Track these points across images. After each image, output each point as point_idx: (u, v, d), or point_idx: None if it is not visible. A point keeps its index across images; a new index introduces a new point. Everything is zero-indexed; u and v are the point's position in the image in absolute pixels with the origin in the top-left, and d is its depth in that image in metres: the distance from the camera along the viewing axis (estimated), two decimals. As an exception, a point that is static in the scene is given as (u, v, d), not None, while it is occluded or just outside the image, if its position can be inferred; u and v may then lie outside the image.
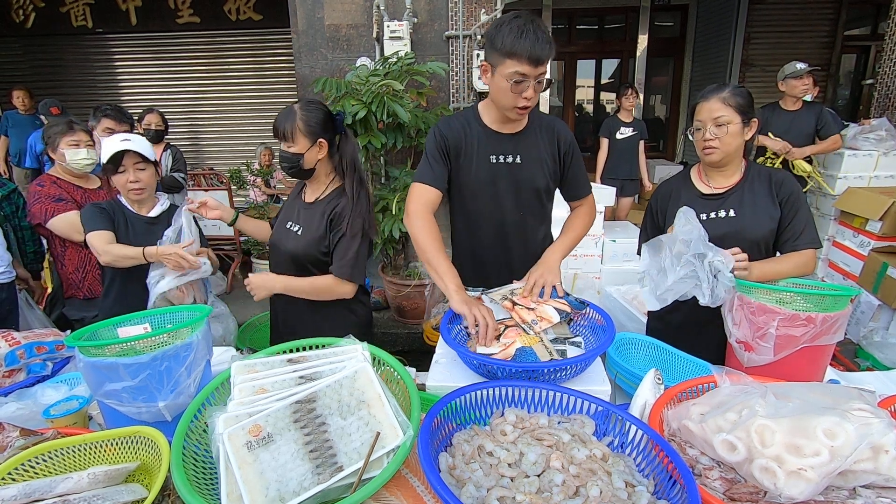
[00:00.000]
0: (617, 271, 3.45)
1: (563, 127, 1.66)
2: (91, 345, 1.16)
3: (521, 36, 1.34)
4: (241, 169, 5.07)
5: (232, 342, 3.31)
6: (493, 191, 1.63)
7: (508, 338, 1.28)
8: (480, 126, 1.60)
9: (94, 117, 2.71)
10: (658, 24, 7.47)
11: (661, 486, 0.83)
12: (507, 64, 1.38)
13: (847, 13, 6.82)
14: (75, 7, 6.08)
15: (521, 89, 1.41)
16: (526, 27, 1.35)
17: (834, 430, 0.79)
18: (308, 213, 1.72)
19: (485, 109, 1.62)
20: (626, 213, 4.77)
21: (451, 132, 1.59)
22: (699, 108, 1.55)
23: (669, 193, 1.71)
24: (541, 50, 1.36)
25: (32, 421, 1.22)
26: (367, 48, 4.05)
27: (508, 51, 1.36)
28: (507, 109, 1.49)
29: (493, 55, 1.42)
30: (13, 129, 5.15)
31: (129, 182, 1.79)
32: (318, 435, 0.85)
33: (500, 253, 1.72)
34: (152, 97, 6.36)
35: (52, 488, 0.83)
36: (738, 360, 1.38)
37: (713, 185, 1.63)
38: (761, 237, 1.55)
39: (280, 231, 1.77)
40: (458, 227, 1.75)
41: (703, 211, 1.60)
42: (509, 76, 1.39)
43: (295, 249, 1.68)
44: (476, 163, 1.60)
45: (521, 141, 1.60)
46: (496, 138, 1.60)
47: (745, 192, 1.58)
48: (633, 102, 4.59)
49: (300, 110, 1.61)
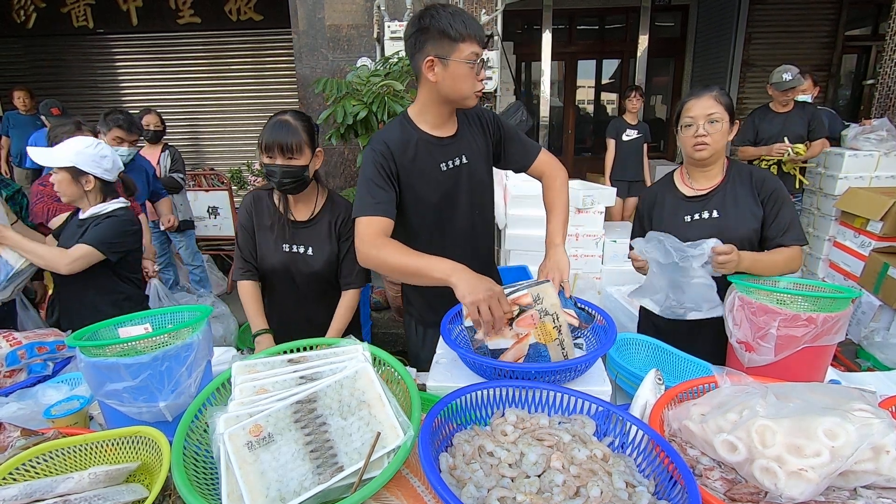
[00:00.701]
0: (617, 271, 3.44)
1: (482, 109, 1.63)
2: (92, 345, 1.16)
3: (464, 19, 1.33)
4: (241, 169, 5.07)
5: (232, 342, 3.33)
6: (451, 198, 1.55)
7: (522, 326, 1.18)
8: (420, 134, 1.48)
9: (105, 124, 2.71)
10: (658, 25, 7.46)
11: (661, 487, 0.83)
12: (462, 48, 1.33)
13: (848, 13, 6.81)
14: (76, 7, 6.09)
15: (479, 70, 1.38)
16: (460, 11, 1.34)
17: (835, 430, 0.79)
18: (309, 233, 1.70)
19: (419, 116, 1.49)
20: (631, 213, 4.78)
21: (392, 150, 1.45)
22: (690, 105, 1.57)
23: (654, 199, 1.73)
24: (482, 30, 1.36)
25: (33, 421, 1.22)
26: (367, 48, 4.05)
27: (461, 34, 1.32)
28: (467, 98, 1.41)
29: (441, 45, 1.34)
30: (14, 129, 5.16)
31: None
32: (318, 435, 0.85)
33: (469, 261, 1.44)
34: (153, 97, 6.36)
35: (53, 488, 0.83)
36: (739, 360, 1.38)
37: (696, 187, 1.65)
38: (746, 236, 1.56)
39: (277, 255, 1.70)
40: (419, 247, 1.45)
41: (688, 213, 1.63)
42: (468, 58, 1.34)
43: (317, 271, 1.70)
44: (429, 174, 1.50)
45: (461, 140, 1.54)
46: (440, 144, 1.50)
47: (727, 193, 1.60)
48: (637, 105, 4.59)
49: (298, 121, 1.57)
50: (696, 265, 1.41)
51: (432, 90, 1.42)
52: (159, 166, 3.75)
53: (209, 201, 4.69)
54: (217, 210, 4.71)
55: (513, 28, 7.41)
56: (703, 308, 1.45)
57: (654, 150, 7.61)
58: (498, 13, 3.85)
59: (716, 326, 1.47)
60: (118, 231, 1.85)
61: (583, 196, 3.31)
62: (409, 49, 1.42)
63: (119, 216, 1.87)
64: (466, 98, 1.41)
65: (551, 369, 1.11)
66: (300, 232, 1.70)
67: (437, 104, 1.45)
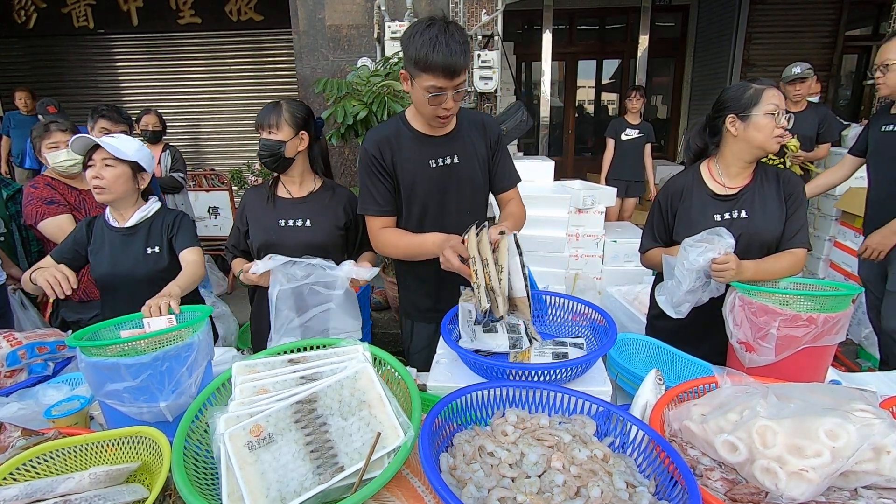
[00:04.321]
0: (618, 272, 3.44)
1: (489, 119, 1.68)
2: (92, 345, 1.16)
3: (434, 49, 1.29)
4: (241, 169, 5.07)
5: (233, 342, 3.32)
6: (438, 195, 1.59)
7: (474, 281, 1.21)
8: (411, 132, 1.56)
9: (91, 118, 2.71)
10: (659, 25, 7.46)
11: (662, 487, 0.83)
12: (423, 77, 1.34)
13: (848, 13, 6.80)
14: (77, 8, 6.10)
15: (440, 101, 1.38)
16: (438, 38, 1.29)
17: (835, 430, 0.79)
18: (309, 206, 1.77)
19: (413, 115, 1.57)
20: (630, 213, 4.78)
21: (382, 147, 1.53)
22: (772, 93, 1.48)
23: (680, 192, 1.67)
24: (455, 62, 1.31)
25: (34, 421, 1.22)
26: (368, 49, 4.06)
27: (423, 64, 1.31)
28: (428, 119, 1.48)
29: (409, 66, 1.37)
30: (15, 129, 5.17)
31: (93, 178, 1.65)
32: (319, 435, 0.85)
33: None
34: (154, 98, 6.37)
35: (54, 488, 0.83)
36: (740, 360, 1.38)
37: (728, 185, 1.60)
38: (772, 238, 1.54)
39: (273, 231, 1.73)
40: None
41: (718, 211, 1.59)
42: (427, 89, 1.35)
43: (312, 240, 1.73)
44: (416, 170, 1.55)
45: (455, 141, 1.58)
46: (430, 142, 1.55)
47: (756, 193, 1.57)
48: (637, 105, 4.58)
49: (285, 103, 1.71)
50: (693, 278, 1.41)
51: (412, 98, 1.49)
52: (160, 166, 3.75)
53: (210, 201, 4.69)
54: (217, 210, 4.72)
55: (513, 28, 7.41)
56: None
57: (655, 151, 7.61)
58: (498, 13, 3.86)
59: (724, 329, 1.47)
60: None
61: (583, 196, 3.31)
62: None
63: (182, 214, 1.84)
64: (429, 118, 1.48)
65: (553, 368, 1.11)
66: (297, 206, 1.77)
67: (416, 110, 1.53)
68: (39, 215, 2.09)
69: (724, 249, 1.39)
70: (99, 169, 1.64)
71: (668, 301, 1.51)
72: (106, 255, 1.72)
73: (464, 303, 1.38)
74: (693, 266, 1.40)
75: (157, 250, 1.73)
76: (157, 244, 1.73)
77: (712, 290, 1.45)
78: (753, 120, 1.49)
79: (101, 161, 1.65)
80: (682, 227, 1.63)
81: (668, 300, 1.51)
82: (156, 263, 1.72)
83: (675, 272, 1.46)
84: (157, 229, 1.76)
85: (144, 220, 1.76)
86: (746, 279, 1.41)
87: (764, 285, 1.45)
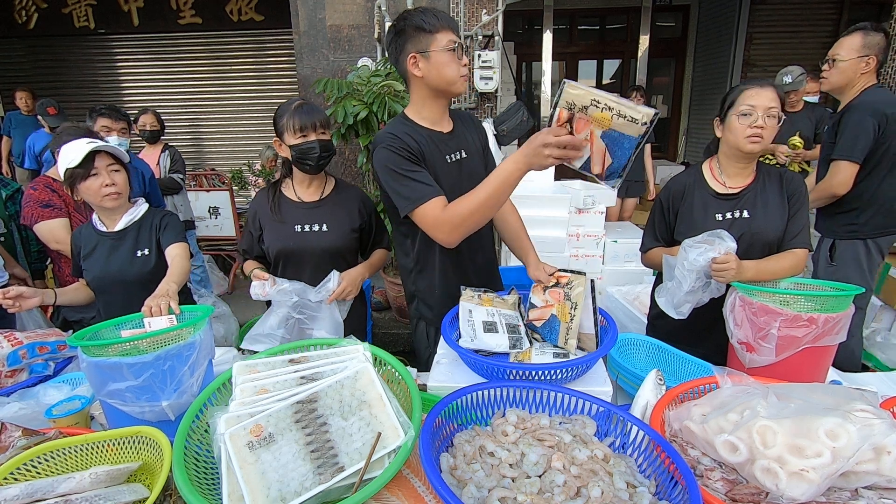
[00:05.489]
0: (618, 272, 3.44)
1: (474, 116, 1.73)
2: (94, 344, 1.16)
3: (435, 12, 1.42)
4: (242, 169, 5.07)
5: (233, 342, 3.33)
6: (455, 192, 1.52)
7: (552, 297, 1.34)
8: (422, 129, 1.53)
9: (90, 118, 2.70)
10: (659, 25, 7.46)
11: (662, 487, 0.83)
12: (439, 38, 1.41)
13: (849, 13, 6.79)
14: (77, 8, 6.11)
15: (460, 55, 1.45)
16: (429, 8, 1.43)
17: (836, 431, 0.79)
18: (325, 211, 1.77)
19: (417, 115, 1.54)
20: (630, 213, 4.77)
21: (406, 140, 1.46)
22: (752, 93, 1.48)
23: (682, 191, 1.67)
24: (454, 20, 1.46)
25: (35, 421, 1.22)
26: (368, 49, 4.06)
27: (435, 25, 1.41)
28: (453, 83, 1.45)
29: (419, 40, 1.41)
30: (16, 129, 5.17)
31: (104, 186, 1.62)
32: (319, 435, 0.86)
33: (472, 259, 1.64)
34: (154, 98, 6.37)
35: (54, 488, 0.83)
36: (740, 360, 1.38)
37: (729, 185, 1.61)
38: (774, 238, 1.54)
39: (290, 237, 1.72)
40: (424, 238, 1.55)
41: (719, 211, 1.59)
42: (446, 45, 1.41)
43: (330, 245, 1.74)
44: (438, 166, 1.52)
45: (459, 136, 1.59)
46: (441, 137, 1.55)
47: (758, 193, 1.58)
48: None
49: (313, 104, 1.75)
50: (693, 278, 1.42)
51: (422, 86, 1.48)
52: (159, 167, 3.74)
53: (210, 201, 4.69)
54: (218, 210, 4.71)
55: (513, 28, 7.41)
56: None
57: (655, 151, 7.60)
58: (499, 13, 3.86)
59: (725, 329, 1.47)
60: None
61: (583, 196, 3.31)
62: (392, 56, 1.50)
63: (168, 213, 1.84)
64: (453, 83, 1.46)
65: (553, 368, 1.11)
66: (312, 211, 1.76)
67: (430, 99, 1.51)
68: (35, 218, 2.08)
69: (725, 251, 1.39)
70: (108, 175, 1.64)
71: (668, 302, 1.51)
72: (96, 259, 1.72)
73: (464, 303, 1.39)
74: (693, 266, 1.40)
75: (146, 252, 1.73)
76: (146, 247, 1.74)
77: (713, 290, 1.45)
78: (728, 121, 1.55)
79: (105, 168, 1.64)
80: (684, 227, 1.63)
81: (668, 301, 1.51)
82: (146, 266, 1.73)
83: (676, 272, 1.46)
84: (146, 231, 1.76)
85: (133, 224, 1.75)
86: (747, 279, 1.41)
87: (765, 285, 1.45)
